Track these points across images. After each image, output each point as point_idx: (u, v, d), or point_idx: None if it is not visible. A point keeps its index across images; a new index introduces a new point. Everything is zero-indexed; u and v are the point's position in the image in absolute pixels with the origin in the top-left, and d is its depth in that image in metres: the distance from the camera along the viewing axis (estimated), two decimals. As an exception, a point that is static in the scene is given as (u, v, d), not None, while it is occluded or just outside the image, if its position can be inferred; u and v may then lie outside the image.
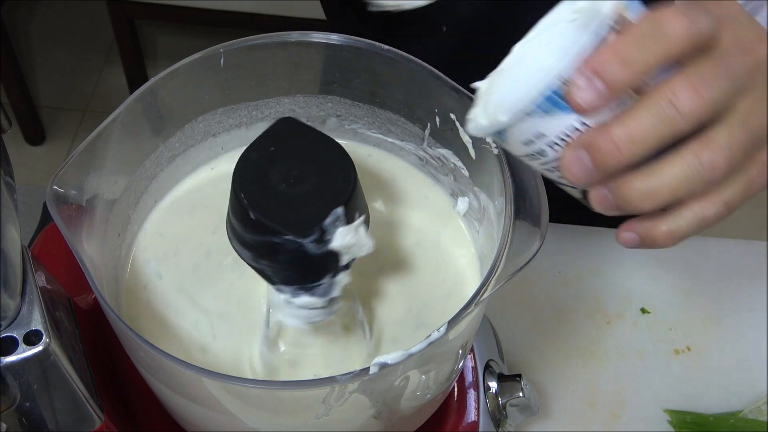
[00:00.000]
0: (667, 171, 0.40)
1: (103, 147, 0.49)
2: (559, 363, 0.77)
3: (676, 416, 0.73)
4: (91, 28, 2.25)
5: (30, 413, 0.46)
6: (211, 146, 0.60)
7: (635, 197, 0.40)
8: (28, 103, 1.99)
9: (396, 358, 0.42)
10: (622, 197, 0.41)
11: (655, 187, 0.40)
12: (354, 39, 0.55)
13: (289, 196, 0.45)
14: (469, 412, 0.61)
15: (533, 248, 0.47)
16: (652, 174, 0.40)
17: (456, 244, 0.58)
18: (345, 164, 0.47)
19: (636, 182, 0.40)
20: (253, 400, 0.47)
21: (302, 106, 0.60)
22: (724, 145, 0.40)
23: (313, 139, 0.48)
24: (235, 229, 0.46)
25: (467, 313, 0.44)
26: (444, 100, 0.55)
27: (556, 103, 0.40)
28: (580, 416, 0.73)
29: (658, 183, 0.40)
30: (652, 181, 0.40)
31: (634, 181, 0.40)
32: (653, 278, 0.83)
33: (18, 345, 0.43)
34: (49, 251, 0.57)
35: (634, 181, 0.40)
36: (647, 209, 0.41)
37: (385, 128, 0.60)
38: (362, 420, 0.49)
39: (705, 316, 0.81)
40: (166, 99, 0.54)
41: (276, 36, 0.55)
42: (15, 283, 0.43)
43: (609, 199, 0.41)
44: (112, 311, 0.43)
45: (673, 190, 0.40)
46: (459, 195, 0.59)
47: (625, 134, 0.39)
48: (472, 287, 0.55)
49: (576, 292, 0.81)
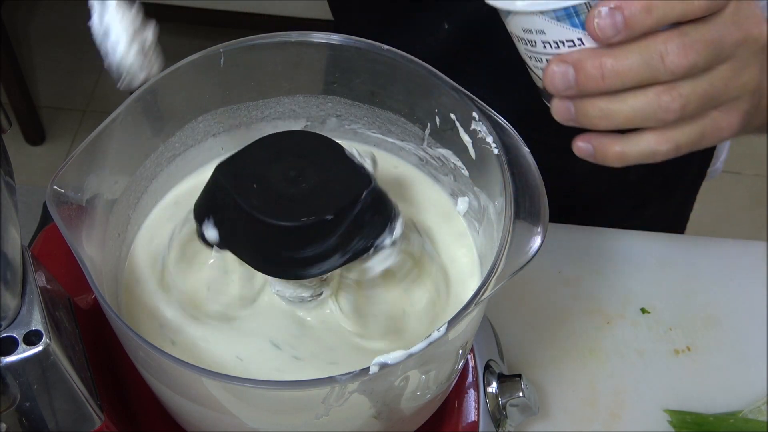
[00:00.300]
0: (629, 101, 0.44)
1: (103, 147, 0.49)
2: (559, 363, 0.77)
3: (676, 416, 0.73)
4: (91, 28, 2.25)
5: (30, 413, 0.46)
6: (211, 146, 0.60)
7: (595, 114, 0.45)
8: (28, 103, 1.99)
9: (396, 358, 0.42)
10: (583, 112, 0.45)
11: (614, 110, 0.45)
12: (354, 39, 0.55)
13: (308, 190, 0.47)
14: (469, 412, 0.61)
15: (533, 248, 0.47)
16: (616, 100, 0.45)
17: (456, 244, 0.58)
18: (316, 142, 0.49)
19: (599, 102, 0.45)
20: (253, 400, 0.47)
21: (302, 106, 0.60)
22: (683, 95, 0.44)
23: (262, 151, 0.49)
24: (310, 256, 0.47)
25: (467, 313, 0.44)
26: (444, 100, 0.54)
27: (569, 16, 0.43)
28: (580, 416, 0.73)
29: (618, 108, 0.45)
30: (614, 105, 0.45)
31: (598, 101, 0.45)
32: (653, 278, 0.83)
33: (18, 345, 0.43)
34: (49, 251, 0.57)
35: (597, 101, 0.45)
36: (602, 128, 0.46)
37: (385, 128, 0.60)
38: (362, 420, 0.49)
39: (705, 316, 0.81)
40: (166, 99, 0.54)
41: (276, 36, 0.55)
42: (15, 283, 0.43)
43: (571, 111, 0.46)
44: (112, 311, 0.43)
45: (629, 117, 0.45)
46: (459, 195, 0.59)
47: (612, 66, 0.43)
48: (472, 287, 0.55)
49: (576, 292, 0.81)
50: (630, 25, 0.42)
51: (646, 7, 0.42)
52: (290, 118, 0.61)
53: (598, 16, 0.42)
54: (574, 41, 0.44)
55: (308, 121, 0.61)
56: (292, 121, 0.61)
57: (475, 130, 0.53)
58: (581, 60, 0.43)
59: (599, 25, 0.42)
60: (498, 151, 0.51)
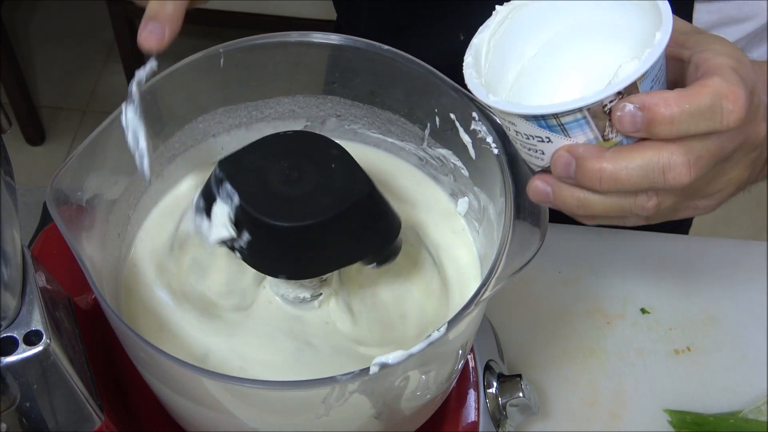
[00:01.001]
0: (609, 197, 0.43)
1: (103, 147, 0.49)
2: (559, 363, 0.77)
3: (676, 416, 0.73)
4: (91, 28, 2.25)
5: (30, 413, 0.46)
6: (211, 146, 0.60)
7: (572, 204, 0.44)
8: (28, 103, 1.99)
9: (396, 358, 0.42)
10: (561, 198, 0.44)
11: (592, 202, 0.44)
12: (354, 39, 0.55)
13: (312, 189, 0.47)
14: (469, 412, 0.61)
15: (533, 248, 0.47)
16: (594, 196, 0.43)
17: (456, 244, 0.58)
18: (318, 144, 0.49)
19: (579, 192, 0.44)
20: (253, 400, 0.47)
21: (302, 106, 0.60)
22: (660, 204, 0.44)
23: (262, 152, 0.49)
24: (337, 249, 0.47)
25: (467, 313, 0.44)
26: (444, 100, 0.54)
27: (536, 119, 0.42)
28: (580, 416, 0.73)
29: (596, 202, 0.44)
30: (593, 198, 0.43)
31: (578, 191, 0.44)
32: (653, 278, 0.83)
33: (18, 345, 0.43)
34: (49, 251, 0.57)
35: (578, 191, 0.44)
36: (577, 216, 0.45)
37: (385, 128, 0.60)
38: (362, 420, 0.49)
39: (705, 316, 0.81)
40: (166, 99, 0.54)
41: (276, 36, 0.55)
42: (15, 283, 0.43)
43: (549, 196, 0.45)
44: (112, 311, 0.43)
45: (605, 211, 0.44)
46: (459, 195, 0.59)
47: (611, 173, 0.42)
48: (472, 287, 0.55)
49: (576, 292, 0.81)
50: (651, 128, 0.41)
51: (669, 119, 0.41)
52: (290, 118, 0.61)
53: (622, 110, 0.41)
54: (543, 138, 0.43)
55: (308, 121, 0.61)
56: (292, 121, 0.61)
57: (475, 130, 0.53)
58: (584, 158, 0.42)
59: (621, 117, 0.41)
60: (498, 151, 0.51)
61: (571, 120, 0.42)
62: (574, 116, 0.41)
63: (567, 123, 0.42)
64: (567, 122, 0.42)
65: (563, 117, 0.41)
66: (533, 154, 0.45)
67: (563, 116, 0.41)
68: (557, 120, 0.42)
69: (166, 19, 0.48)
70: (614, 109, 0.41)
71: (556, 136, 0.43)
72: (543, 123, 0.42)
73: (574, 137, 0.42)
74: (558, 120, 0.42)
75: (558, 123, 0.42)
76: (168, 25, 0.48)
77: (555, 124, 0.42)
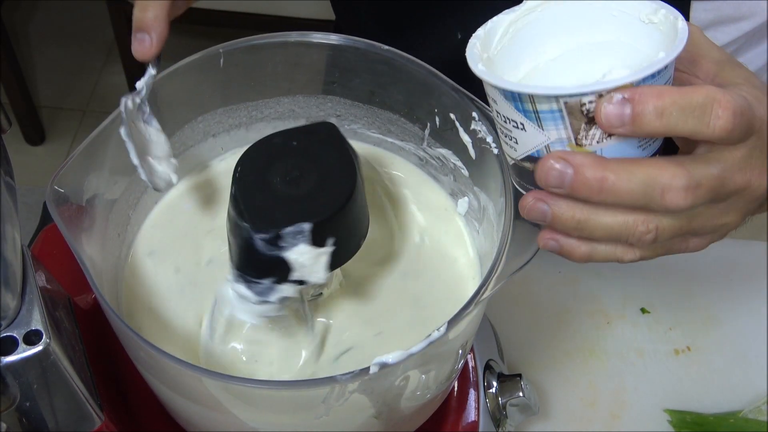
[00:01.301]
0: (606, 219, 0.43)
1: (103, 147, 0.49)
2: (559, 363, 0.77)
3: (676, 416, 0.73)
4: (91, 28, 2.25)
5: (30, 413, 0.46)
6: (211, 146, 0.60)
7: (570, 225, 0.44)
8: (28, 103, 1.99)
9: (396, 357, 0.42)
10: (559, 218, 0.44)
11: (589, 224, 0.44)
12: (354, 39, 0.55)
13: (282, 190, 0.46)
14: (469, 412, 0.61)
15: (533, 248, 0.47)
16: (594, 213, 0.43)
17: (456, 244, 0.58)
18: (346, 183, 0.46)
19: (577, 213, 0.43)
20: (253, 400, 0.47)
21: (302, 106, 0.60)
22: (659, 228, 0.43)
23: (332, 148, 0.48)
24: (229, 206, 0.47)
25: (467, 313, 0.44)
26: (444, 100, 0.55)
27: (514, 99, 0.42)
28: (580, 416, 0.74)
29: (593, 224, 0.43)
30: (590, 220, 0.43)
31: (577, 212, 0.43)
32: (653, 278, 0.83)
33: (18, 345, 0.43)
34: (49, 251, 0.57)
35: (576, 212, 0.43)
36: (572, 236, 0.45)
37: (385, 128, 0.60)
38: (362, 420, 0.49)
39: (705, 316, 0.81)
40: (166, 99, 0.54)
41: (276, 36, 0.55)
42: (15, 283, 0.43)
43: (546, 215, 0.44)
44: (112, 311, 0.43)
45: (600, 234, 0.44)
46: (459, 195, 0.59)
47: (613, 184, 0.41)
48: (472, 287, 0.55)
49: (576, 292, 0.81)
50: (637, 122, 0.40)
51: (659, 110, 0.40)
52: (290, 118, 0.61)
53: (609, 101, 0.40)
54: (517, 124, 0.43)
55: (308, 121, 0.61)
56: (292, 121, 0.61)
57: (475, 130, 0.53)
58: (583, 166, 0.41)
59: (606, 111, 0.40)
60: (498, 151, 0.51)
61: (546, 110, 0.41)
62: (549, 105, 0.41)
63: (542, 112, 0.41)
64: (542, 111, 0.41)
65: (539, 103, 0.41)
66: (508, 142, 0.45)
67: (539, 102, 0.41)
68: (533, 105, 0.41)
69: (149, 26, 0.48)
70: (600, 102, 0.40)
71: (530, 124, 0.42)
72: (519, 106, 0.42)
73: (546, 131, 0.42)
74: (534, 106, 0.41)
75: (533, 109, 0.41)
76: (153, 31, 0.48)
77: (530, 110, 0.41)
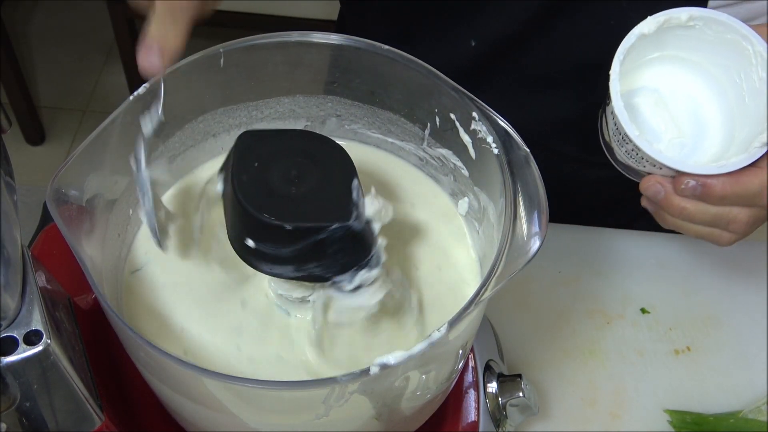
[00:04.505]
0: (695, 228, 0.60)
1: (103, 147, 0.49)
2: (559, 363, 0.77)
3: (676, 416, 0.73)
4: (91, 28, 2.25)
5: (30, 413, 0.46)
6: (211, 146, 0.60)
7: (670, 224, 0.61)
8: (28, 103, 1.99)
9: (397, 358, 0.42)
10: (662, 217, 0.61)
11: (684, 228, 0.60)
12: (354, 39, 0.55)
13: (301, 194, 0.46)
14: (469, 412, 0.61)
15: (533, 248, 0.47)
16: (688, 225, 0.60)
17: (456, 244, 0.58)
18: (334, 151, 0.48)
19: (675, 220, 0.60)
20: (253, 400, 0.47)
21: (302, 106, 0.60)
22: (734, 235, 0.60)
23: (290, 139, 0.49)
24: (265, 253, 0.46)
25: (467, 313, 0.44)
26: (444, 100, 0.54)
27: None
28: (580, 416, 0.73)
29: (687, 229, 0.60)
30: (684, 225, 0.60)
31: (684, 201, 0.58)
32: (653, 278, 0.83)
33: (18, 345, 0.43)
34: (49, 251, 0.57)
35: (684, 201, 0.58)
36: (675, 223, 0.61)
37: (385, 128, 0.60)
38: (362, 420, 0.49)
39: (705, 316, 0.81)
40: (166, 99, 0.54)
41: (276, 36, 0.55)
42: (15, 283, 0.43)
43: (660, 194, 0.58)
44: (112, 311, 0.43)
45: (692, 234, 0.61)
46: (459, 195, 0.59)
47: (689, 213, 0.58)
48: (472, 287, 0.55)
49: (576, 292, 0.81)
50: (704, 199, 0.57)
51: (721, 196, 0.56)
52: (290, 118, 0.61)
53: (686, 184, 0.56)
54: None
55: (308, 121, 0.61)
56: (292, 121, 0.61)
57: (475, 130, 0.53)
58: (670, 195, 0.58)
59: (684, 189, 0.56)
60: (498, 151, 0.51)
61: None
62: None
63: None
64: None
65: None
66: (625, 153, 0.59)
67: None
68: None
69: (167, 51, 0.49)
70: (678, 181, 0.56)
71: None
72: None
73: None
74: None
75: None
76: (168, 55, 0.49)
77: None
